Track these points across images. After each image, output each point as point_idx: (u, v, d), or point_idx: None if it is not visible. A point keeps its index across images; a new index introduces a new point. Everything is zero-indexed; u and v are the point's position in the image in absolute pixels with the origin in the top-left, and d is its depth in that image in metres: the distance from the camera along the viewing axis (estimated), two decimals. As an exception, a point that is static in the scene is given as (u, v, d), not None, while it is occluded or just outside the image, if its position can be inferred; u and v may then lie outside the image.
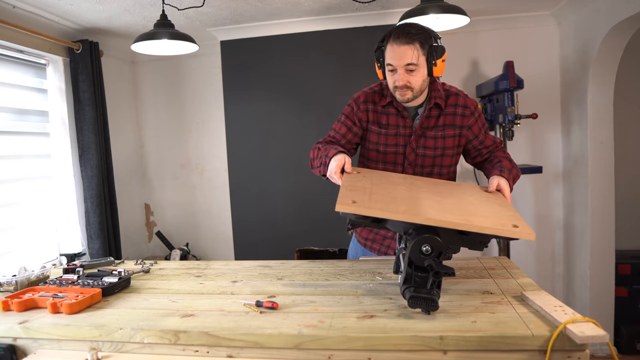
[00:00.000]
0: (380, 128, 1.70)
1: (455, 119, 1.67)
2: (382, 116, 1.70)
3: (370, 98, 1.71)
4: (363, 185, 1.37)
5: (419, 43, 1.53)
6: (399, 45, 1.53)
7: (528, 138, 3.38)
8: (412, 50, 1.52)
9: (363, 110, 1.71)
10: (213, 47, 3.50)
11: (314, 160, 1.68)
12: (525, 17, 3.24)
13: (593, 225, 2.93)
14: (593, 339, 0.95)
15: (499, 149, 1.75)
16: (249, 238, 3.35)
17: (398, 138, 1.69)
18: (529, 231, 1.18)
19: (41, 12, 2.67)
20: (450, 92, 1.69)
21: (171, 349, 1.13)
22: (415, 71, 1.55)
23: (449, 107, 1.67)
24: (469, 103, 1.68)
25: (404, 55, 1.53)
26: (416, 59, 1.53)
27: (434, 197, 1.34)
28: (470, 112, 1.67)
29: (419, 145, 1.68)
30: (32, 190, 2.81)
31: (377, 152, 1.72)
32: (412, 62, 1.53)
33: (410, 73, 1.55)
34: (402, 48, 1.53)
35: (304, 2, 2.80)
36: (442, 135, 1.67)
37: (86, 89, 2.99)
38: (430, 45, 1.54)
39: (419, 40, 1.53)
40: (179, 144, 3.85)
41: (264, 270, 1.67)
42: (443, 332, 1.04)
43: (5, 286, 1.48)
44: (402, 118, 1.68)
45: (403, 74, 1.55)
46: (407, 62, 1.53)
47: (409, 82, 1.56)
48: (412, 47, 1.52)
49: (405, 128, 1.68)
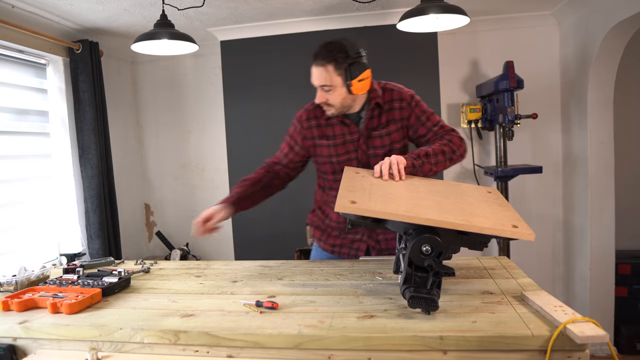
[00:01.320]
0: (328, 140, 1.74)
1: (394, 113, 1.71)
2: (327, 129, 1.73)
3: (312, 114, 1.75)
4: (362, 185, 1.37)
5: (333, 64, 1.55)
6: (315, 66, 1.58)
7: (528, 138, 3.38)
8: (324, 72, 1.56)
9: (307, 127, 1.76)
10: (213, 47, 3.50)
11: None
12: (525, 17, 3.24)
13: (593, 225, 2.93)
14: (593, 339, 0.95)
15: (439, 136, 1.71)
16: (249, 238, 3.35)
17: (347, 145, 1.72)
18: (528, 231, 1.18)
19: (41, 12, 2.67)
20: (386, 89, 1.73)
21: (171, 349, 1.13)
22: (332, 91, 1.59)
23: (387, 103, 1.71)
24: (404, 95, 1.72)
25: (318, 76, 1.59)
26: (329, 81, 1.57)
27: (433, 197, 1.34)
28: (406, 104, 1.71)
29: (369, 147, 1.72)
30: (32, 190, 2.81)
31: (332, 164, 1.75)
32: (325, 84, 1.58)
33: (327, 92, 1.60)
34: (316, 70, 1.58)
35: (304, 2, 2.80)
36: (387, 132, 1.71)
37: (86, 89, 2.99)
38: (345, 66, 1.56)
39: (333, 61, 1.55)
40: (179, 144, 3.85)
41: (264, 270, 1.67)
42: (443, 332, 1.04)
43: (5, 286, 1.48)
44: (346, 126, 1.71)
45: (321, 92, 1.61)
46: (320, 84, 1.59)
47: (328, 100, 1.61)
48: (324, 69, 1.56)
49: (351, 134, 1.72)
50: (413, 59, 3.12)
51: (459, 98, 3.43)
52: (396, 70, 3.13)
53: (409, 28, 2.24)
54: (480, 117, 3.24)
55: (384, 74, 3.17)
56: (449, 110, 3.43)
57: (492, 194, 1.48)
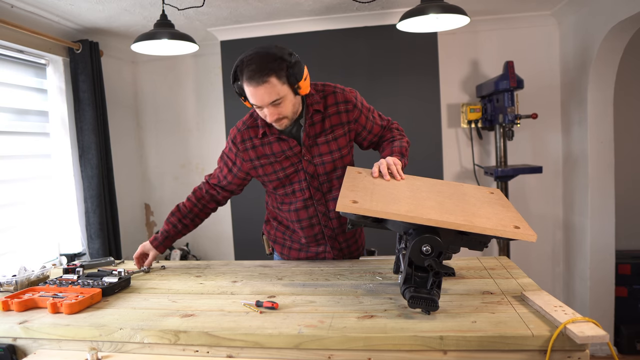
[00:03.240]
0: (268, 159, 1.64)
1: (341, 116, 1.62)
2: (264, 147, 1.63)
3: (245, 135, 1.64)
4: (364, 185, 1.37)
5: (275, 77, 1.42)
6: (255, 86, 1.43)
7: (528, 138, 3.38)
8: (269, 88, 1.43)
9: (243, 150, 1.65)
10: (213, 47, 3.50)
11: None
12: (525, 17, 3.24)
13: (593, 225, 2.93)
14: (593, 339, 0.95)
15: (387, 129, 1.74)
16: (249, 238, 3.35)
17: (291, 158, 1.63)
18: (530, 232, 1.18)
19: (41, 12, 2.67)
20: (326, 92, 1.62)
21: (171, 349, 1.13)
22: (282, 102, 1.47)
23: (330, 107, 1.61)
24: (348, 97, 1.63)
25: (264, 95, 1.44)
26: (277, 94, 1.44)
27: (435, 197, 1.34)
28: (352, 106, 1.63)
29: (314, 155, 1.62)
30: (32, 190, 2.81)
31: (278, 180, 1.67)
32: (275, 100, 1.45)
33: (278, 106, 1.47)
34: (259, 89, 1.43)
35: (304, 2, 2.80)
36: (332, 137, 1.62)
37: (86, 89, 2.99)
38: (286, 71, 1.45)
39: (274, 74, 1.42)
40: (179, 144, 3.85)
41: (264, 270, 1.67)
42: (443, 332, 1.04)
43: (5, 286, 1.48)
44: (284, 141, 1.61)
45: (271, 109, 1.47)
46: (269, 102, 1.45)
47: (280, 114, 1.49)
48: (268, 85, 1.42)
49: (291, 148, 1.62)
50: (413, 59, 3.12)
51: (459, 98, 3.43)
52: (396, 70, 3.14)
53: (409, 28, 2.24)
54: (480, 117, 3.25)
55: (384, 74, 3.20)
56: (449, 110, 3.44)
57: (494, 194, 1.47)
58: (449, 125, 3.45)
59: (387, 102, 3.12)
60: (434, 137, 3.15)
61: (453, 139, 3.45)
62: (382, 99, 3.11)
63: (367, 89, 3.10)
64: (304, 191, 1.67)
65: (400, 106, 3.12)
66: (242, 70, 1.45)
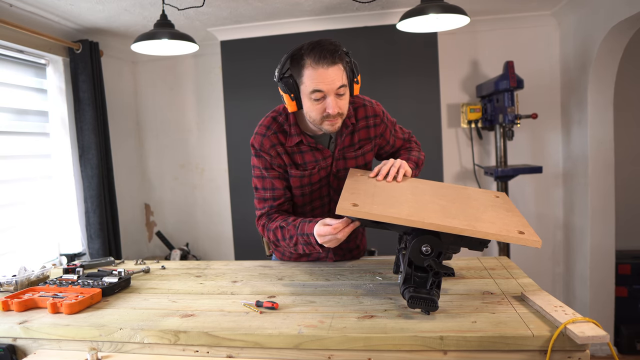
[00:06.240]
0: (297, 169, 1.52)
1: (369, 131, 1.57)
2: (295, 156, 1.52)
3: (275, 140, 1.50)
4: (366, 188, 1.37)
5: (342, 63, 1.36)
6: (326, 67, 1.32)
7: (528, 138, 3.38)
8: (340, 70, 1.35)
9: (275, 155, 1.51)
10: (213, 47, 3.50)
11: (280, 246, 1.54)
12: (525, 17, 3.24)
13: (593, 225, 2.93)
14: (593, 339, 0.95)
15: (407, 141, 1.73)
16: (249, 238, 3.35)
17: (321, 172, 1.54)
18: (535, 238, 1.17)
19: (41, 12, 2.67)
20: (357, 104, 1.55)
21: (171, 349, 1.13)
22: (344, 94, 1.39)
23: (361, 120, 1.55)
24: (377, 110, 1.58)
25: (335, 78, 1.33)
26: (345, 80, 1.37)
27: (438, 201, 1.33)
28: (380, 120, 1.58)
29: (339, 169, 1.55)
30: (32, 190, 2.81)
31: (303, 195, 1.56)
32: (344, 84, 1.36)
33: (340, 97, 1.37)
34: (331, 70, 1.32)
35: (304, 2, 2.80)
36: (361, 153, 1.57)
37: (86, 89, 2.99)
38: (350, 63, 1.40)
39: (340, 60, 1.35)
40: (179, 144, 3.85)
41: (264, 270, 1.67)
42: (443, 332, 1.04)
43: (5, 286, 1.48)
44: (319, 151, 1.52)
45: (335, 99, 1.36)
46: (339, 86, 1.35)
47: (340, 108, 1.38)
48: (339, 67, 1.34)
49: (325, 159, 1.53)
50: (413, 59, 3.12)
51: (459, 98, 3.43)
52: (396, 70, 3.14)
53: (409, 28, 2.24)
54: (480, 117, 3.25)
55: (384, 74, 3.19)
56: (449, 110, 3.44)
57: (500, 198, 1.45)
58: (449, 125, 3.45)
59: (387, 102, 3.07)
60: (434, 137, 3.15)
61: (453, 139, 3.45)
62: (382, 98, 3.06)
63: (367, 88, 3.09)
64: (324, 207, 1.61)
65: (400, 106, 3.12)
66: (308, 52, 1.35)
